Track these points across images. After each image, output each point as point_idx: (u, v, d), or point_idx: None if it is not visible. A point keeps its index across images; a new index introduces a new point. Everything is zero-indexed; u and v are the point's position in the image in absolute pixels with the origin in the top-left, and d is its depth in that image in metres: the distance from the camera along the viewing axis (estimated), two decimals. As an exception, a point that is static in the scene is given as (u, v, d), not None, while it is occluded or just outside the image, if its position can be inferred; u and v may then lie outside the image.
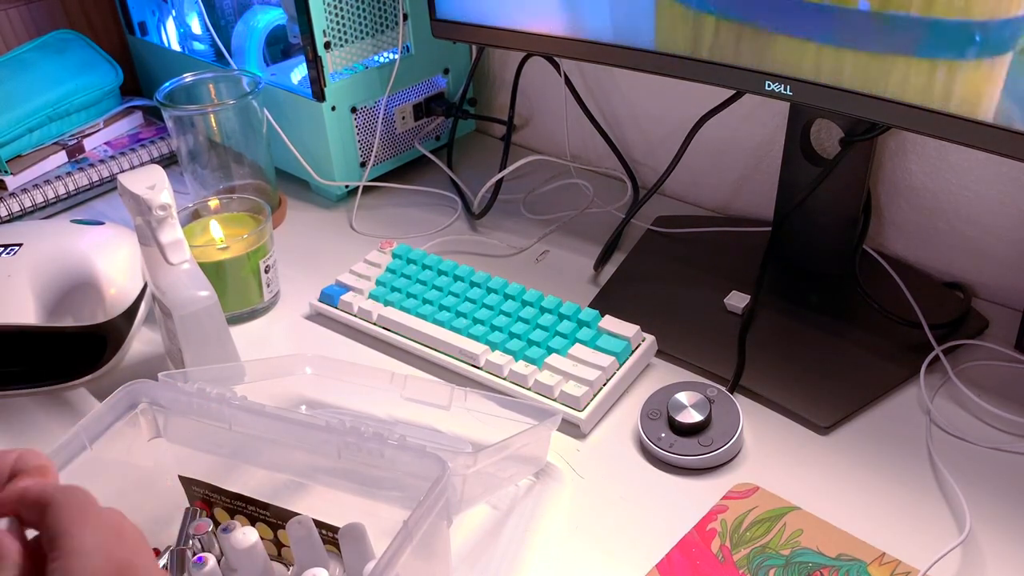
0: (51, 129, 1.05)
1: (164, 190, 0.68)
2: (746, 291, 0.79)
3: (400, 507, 0.53)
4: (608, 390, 0.70)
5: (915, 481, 0.63)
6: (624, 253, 0.89)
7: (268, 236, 0.82)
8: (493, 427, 0.63)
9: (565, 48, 0.79)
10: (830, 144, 0.77)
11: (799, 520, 0.60)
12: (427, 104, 1.04)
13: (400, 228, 0.96)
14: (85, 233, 0.79)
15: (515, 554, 0.60)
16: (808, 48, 0.64)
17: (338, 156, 0.98)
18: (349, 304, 0.80)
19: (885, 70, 0.61)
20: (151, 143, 1.08)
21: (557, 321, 0.75)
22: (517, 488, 0.64)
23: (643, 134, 1.00)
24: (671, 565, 0.58)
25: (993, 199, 0.77)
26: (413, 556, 0.48)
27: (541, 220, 0.95)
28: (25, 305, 0.72)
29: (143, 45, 1.17)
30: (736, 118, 0.89)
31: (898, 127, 0.63)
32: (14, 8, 1.11)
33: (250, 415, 0.57)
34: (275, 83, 0.99)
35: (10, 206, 0.97)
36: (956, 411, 0.68)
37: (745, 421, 0.67)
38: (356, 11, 0.94)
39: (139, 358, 0.79)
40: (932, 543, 0.58)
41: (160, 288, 0.70)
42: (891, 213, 0.84)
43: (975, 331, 0.75)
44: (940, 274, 0.83)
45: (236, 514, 0.58)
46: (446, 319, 0.76)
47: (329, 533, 0.55)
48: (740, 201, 0.95)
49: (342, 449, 0.55)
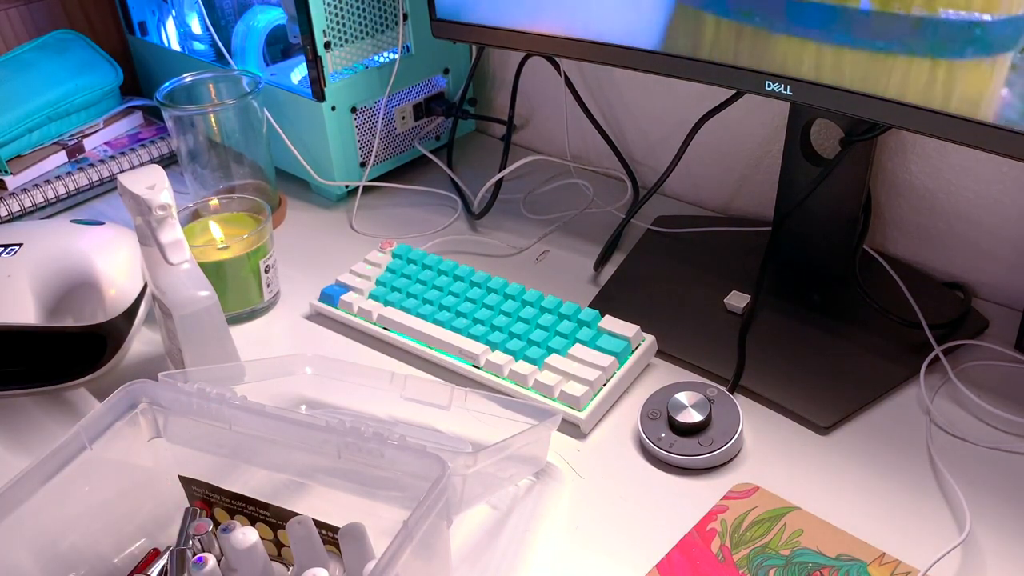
0: (51, 129, 1.05)
1: (164, 190, 0.68)
2: (746, 291, 0.79)
3: (400, 507, 0.53)
4: (608, 390, 0.70)
5: (915, 481, 0.63)
6: (624, 253, 0.89)
7: (268, 236, 0.82)
8: (493, 427, 0.63)
9: (565, 48, 0.79)
10: (830, 144, 0.77)
11: (799, 520, 0.60)
12: (427, 104, 1.04)
13: (400, 228, 0.96)
14: (85, 233, 0.79)
15: (515, 554, 0.60)
16: (808, 48, 0.64)
17: (338, 156, 0.98)
18: (349, 304, 0.80)
19: (885, 70, 0.61)
20: (151, 143, 1.08)
21: (557, 321, 0.75)
22: (517, 488, 0.64)
23: (643, 134, 1.00)
24: (671, 565, 0.58)
25: (993, 199, 0.77)
26: (413, 556, 0.48)
27: (541, 220, 0.95)
28: (25, 305, 0.72)
29: (143, 45, 1.17)
30: (736, 118, 0.89)
31: (898, 127, 0.63)
32: (14, 8, 1.11)
33: (250, 415, 0.57)
34: (275, 83, 0.99)
35: (10, 206, 0.97)
36: (956, 411, 0.68)
37: (745, 421, 0.67)
38: (356, 11, 0.94)
39: (139, 358, 0.79)
40: (932, 543, 0.58)
41: (160, 288, 0.70)
42: (891, 213, 0.84)
43: (975, 331, 0.75)
44: (940, 274, 0.83)
45: (236, 514, 0.58)
46: (446, 319, 0.76)
47: (329, 533, 0.55)
48: (740, 201, 0.95)
49: (342, 449, 0.55)
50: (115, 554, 0.59)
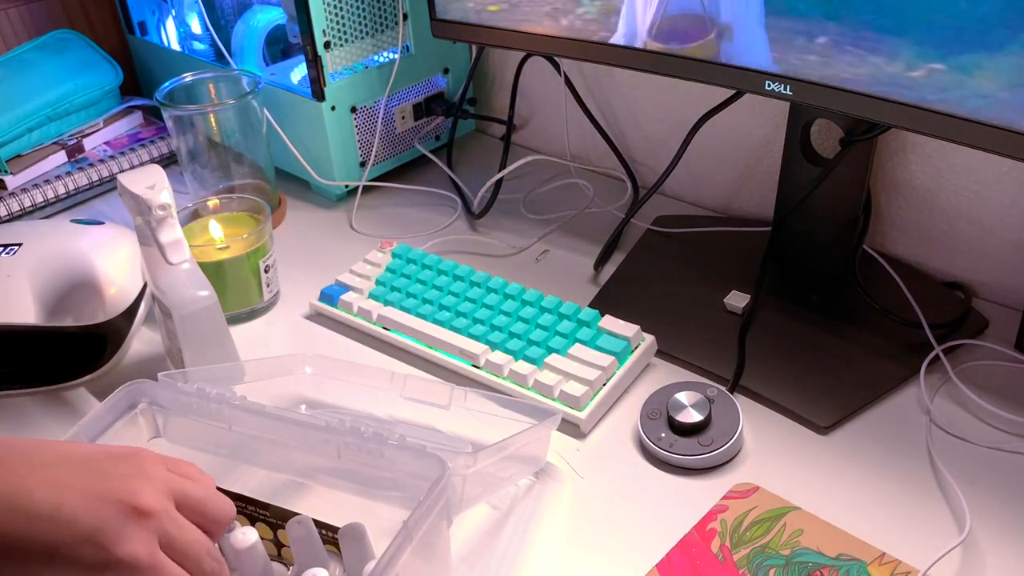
0: (51, 129, 1.04)
1: (164, 190, 0.68)
2: (746, 291, 0.79)
3: (400, 507, 0.53)
4: (608, 390, 0.70)
5: (915, 481, 0.63)
6: (624, 253, 0.89)
7: (268, 236, 0.82)
8: (493, 427, 0.63)
9: (565, 48, 0.79)
10: (830, 144, 0.77)
11: (799, 520, 0.60)
12: (427, 104, 1.04)
13: (400, 228, 0.96)
14: (85, 233, 0.79)
15: (515, 554, 0.60)
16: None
17: (338, 156, 0.98)
18: (349, 304, 0.80)
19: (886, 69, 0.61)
20: (151, 143, 1.08)
21: (557, 321, 0.75)
22: (517, 488, 0.64)
23: (643, 134, 1.00)
24: (671, 565, 0.58)
25: (993, 199, 0.77)
26: (413, 556, 0.48)
27: (541, 220, 0.95)
28: (25, 305, 0.72)
29: (143, 45, 1.17)
30: (736, 118, 0.89)
31: (898, 127, 0.63)
32: (14, 8, 1.11)
33: (250, 415, 0.57)
34: (275, 83, 0.99)
35: (10, 206, 0.97)
36: (956, 411, 0.68)
37: (745, 421, 0.67)
38: (356, 11, 0.94)
39: (139, 358, 0.79)
40: (932, 543, 0.58)
41: (160, 288, 0.70)
42: (891, 213, 0.84)
43: (975, 331, 0.75)
44: (940, 274, 0.83)
45: (236, 514, 0.58)
46: (446, 319, 0.76)
47: (329, 533, 0.55)
48: (740, 201, 0.95)
49: (342, 449, 0.55)
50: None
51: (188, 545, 0.46)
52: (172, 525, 0.46)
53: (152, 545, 0.44)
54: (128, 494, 0.44)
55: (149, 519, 0.44)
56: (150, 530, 0.44)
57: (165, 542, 0.45)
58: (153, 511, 0.45)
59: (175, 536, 0.45)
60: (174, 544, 0.45)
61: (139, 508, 0.44)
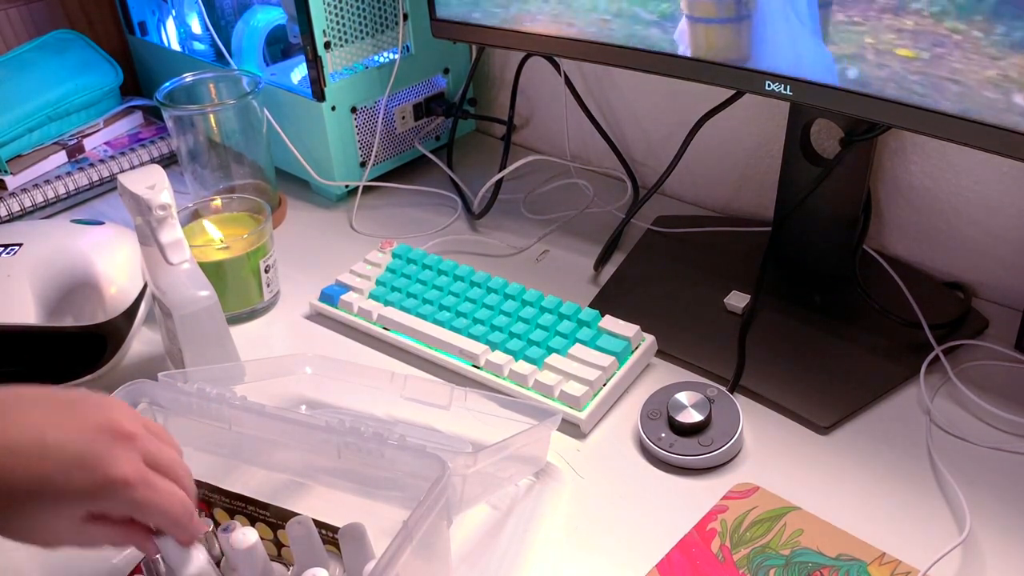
0: (51, 129, 1.05)
1: (164, 190, 0.68)
2: (746, 291, 0.79)
3: (400, 507, 0.53)
4: (608, 390, 0.70)
5: (915, 481, 0.63)
6: (624, 253, 0.89)
7: (268, 236, 0.82)
8: (493, 427, 0.63)
9: (565, 48, 0.79)
10: (830, 144, 0.77)
11: (799, 520, 0.60)
12: (427, 104, 1.04)
13: (400, 228, 0.96)
14: (85, 233, 0.79)
15: (515, 554, 0.60)
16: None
17: (338, 156, 0.98)
18: (349, 304, 0.80)
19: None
20: (151, 143, 1.08)
21: (557, 321, 0.75)
22: (517, 488, 0.64)
23: (643, 134, 1.00)
24: (671, 565, 0.58)
25: (993, 199, 0.77)
26: (413, 556, 0.48)
27: (541, 220, 0.95)
28: (25, 305, 0.72)
29: (143, 45, 1.17)
30: (736, 118, 0.89)
31: (898, 127, 0.63)
32: (14, 8, 1.11)
33: (250, 415, 0.57)
34: (275, 83, 0.99)
35: (10, 206, 0.97)
36: (956, 411, 0.68)
37: (745, 421, 0.67)
38: (356, 11, 0.94)
39: (139, 358, 0.79)
40: (932, 543, 0.58)
41: (160, 288, 0.70)
42: (891, 213, 0.84)
43: (975, 331, 0.75)
44: (940, 274, 0.83)
45: (236, 514, 0.58)
46: (446, 319, 0.76)
47: (329, 533, 0.55)
48: (740, 201, 0.95)
49: (342, 449, 0.55)
50: (115, 554, 0.59)
51: (169, 462, 0.49)
52: (153, 445, 0.48)
53: (139, 463, 0.46)
54: (108, 421, 0.47)
55: (133, 440, 0.47)
56: (135, 450, 0.47)
57: (149, 460, 0.47)
58: (135, 432, 0.47)
59: (156, 455, 0.48)
60: (159, 462, 0.48)
61: (121, 431, 0.47)
